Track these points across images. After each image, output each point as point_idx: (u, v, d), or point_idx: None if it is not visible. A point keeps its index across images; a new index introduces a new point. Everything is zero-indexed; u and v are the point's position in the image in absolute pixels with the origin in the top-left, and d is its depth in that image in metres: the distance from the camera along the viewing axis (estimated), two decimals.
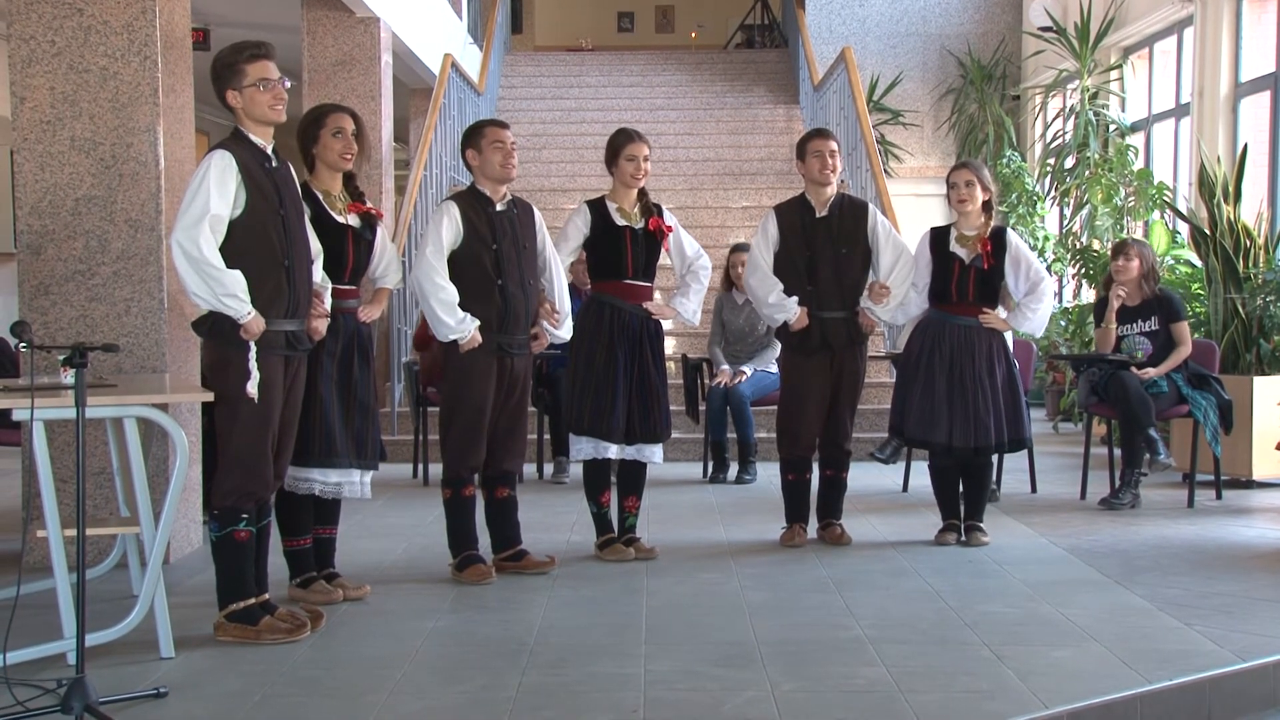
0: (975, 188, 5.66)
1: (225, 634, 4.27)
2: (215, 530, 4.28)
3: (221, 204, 4.12)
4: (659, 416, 5.52)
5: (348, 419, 4.76)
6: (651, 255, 5.56)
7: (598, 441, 5.46)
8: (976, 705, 3.61)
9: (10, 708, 3.51)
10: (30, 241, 5.39)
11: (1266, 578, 5.21)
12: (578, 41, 19.78)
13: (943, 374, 5.63)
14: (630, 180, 5.49)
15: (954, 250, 5.69)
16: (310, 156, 4.80)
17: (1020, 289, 5.72)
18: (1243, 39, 9.92)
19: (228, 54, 4.26)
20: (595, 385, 5.41)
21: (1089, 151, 11.74)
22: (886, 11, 14.70)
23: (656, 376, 5.52)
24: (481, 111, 12.70)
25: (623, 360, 5.42)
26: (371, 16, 9.82)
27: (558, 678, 3.87)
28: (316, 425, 4.65)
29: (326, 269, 4.63)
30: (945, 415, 5.62)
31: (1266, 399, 7.38)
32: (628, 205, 5.53)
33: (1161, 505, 6.92)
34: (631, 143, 5.50)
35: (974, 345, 5.64)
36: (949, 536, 5.83)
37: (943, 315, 5.71)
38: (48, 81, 5.40)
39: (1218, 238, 7.95)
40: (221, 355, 4.23)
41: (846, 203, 5.85)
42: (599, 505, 5.63)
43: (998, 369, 5.67)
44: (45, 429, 3.93)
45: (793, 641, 4.25)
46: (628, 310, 5.46)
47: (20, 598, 3.94)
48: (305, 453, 4.65)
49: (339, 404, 4.73)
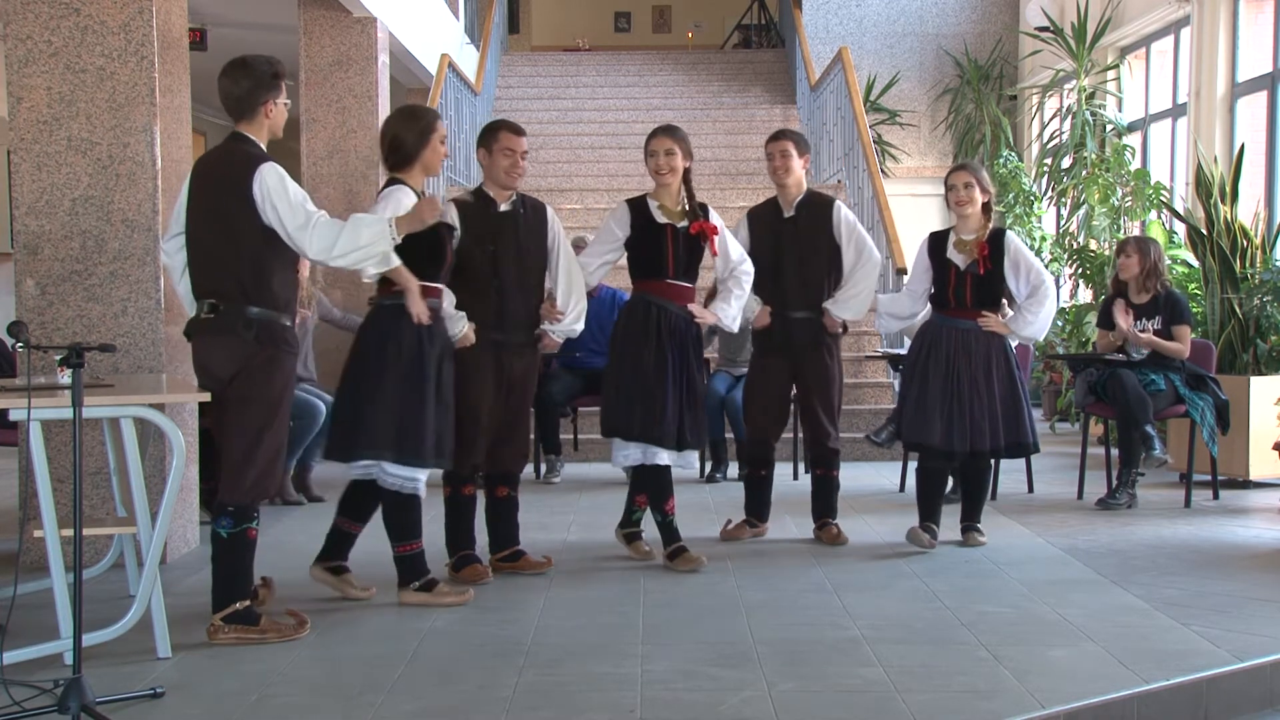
0: (974, 190, 5.62)
1: (225, 636, 4.23)
2: (229, 526, 4.24)
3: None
4: (702, 421, 5.40)
5: (442, 419, 4.74)
6: (694, 256, 5.40)
7: (647, 447, 5.29)
8: (973, 705, 3.61)
9: (7, 708, 3.51)
10: (27, 241, 5.39)
11: (1263, 578, 5.22)
12: (575, 41, 19.78)
13: (938, 377, 5.60)
14: (655, 176, 5.38)
15: (950, 256, 5.67)
16: (410, 155, 4.75)
17: (1021, 292, 5.68)
18: (1240, 39, 9.93)
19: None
20: (644, 389, 5.24)
21: (1086, 151, 11.75)
22: (883, 11, 14.71)
23: (699, 380, 5.39)
24: (479, 112, 12.71)
25: (671, 363, 5.26)
26: (368, 16, 9.82)
27: (555, 678, 3.87)
28: (429, 427, 4.64)
29: (426, 267, 4.65)
30: (940, 418, 5.58)
31: (1263, 399, 7.38)
32: (670, 203, 5.40)
33: (1158, 505, 6.93)
34: (654, 138, 5.40)
35: (971, 348, 5.60)
36: (921, 536, 5.66)
37: (942, 319, 5.70)
38: (45, 81, 5.39)
39: (1214, 238, 7.95)
40: (271, 356, 4.26)
41: (813, 201, 5.85)
42: (664, 514, 5.41)
43: (996, 372, 5.62)
44: (42, 429, 3.93)
45: (790, 641, 4.25)
46: (673, 311, 5.32)
47: (17, 598, 3.94)
48: (417, 453, 4.63)
49: (436, 404, 4.71)
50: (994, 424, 5.60)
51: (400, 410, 4.59)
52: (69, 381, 3.64)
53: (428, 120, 4.78)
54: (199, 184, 4.35)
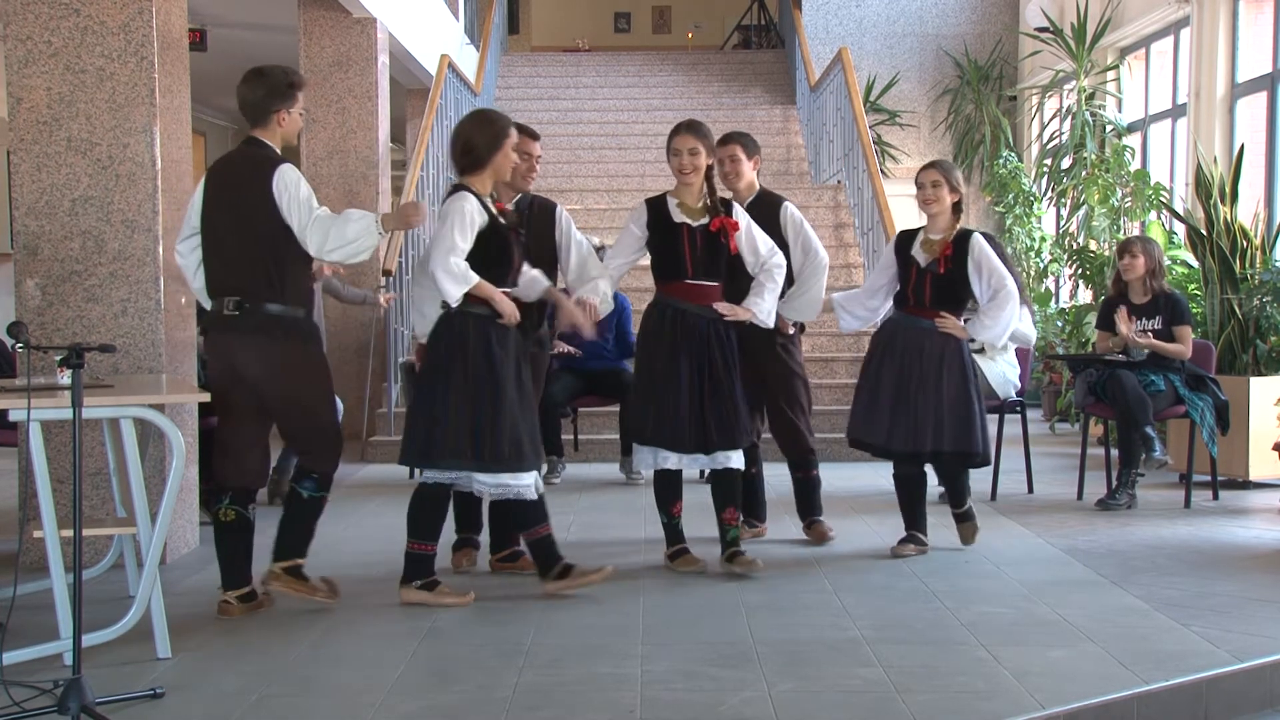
0: (943, 189, 5.49)
1: (277, 584, 4.65)
2: (312, 489, 4.66)
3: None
4: (735, 421, 5.24)
5: (526, 422, 4.74)
6: (716, 254, 5.24)
7: (658, 451, 5.23)
8: (973, 706, 3.61)
9: (7, 708, 3.51)
10: (27, 242, 5.39)
11: (1263, 578, 5.22)
12: (574, 42, 19.80)
13: (890, 376, 5.48)
14: (678, 176, 5.23)
15: (914, 254, 5.55)
16: (481, 159, 4.75)
17: (984, 295, 5.51)
18: (1239, 39, 9.93)
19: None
20: (657, 393, 5.18)
21: (1086, 152, 11.76)
22: (883, 12, 14.71)
23: (729, 380, 5.22)
24: None
25: (686, 366, 5.15)
26: (368, 17, 9.83)
27: (555, 678, 3.87)
28: (506, 431, 4.64)
29: (494, 271, 4.68)
30: (886, 417, 5.46)
31: (1263, 399, 7.38)
32: (690, 201, 5.26)
33: (1158, 506, 6.93)
34: (676, 136, 5.24)
35: (924, 348, 5.46)
36: (908, 548, 5.58)
37: (900, 317, 5.59)
38: (44, 82, 5.39)
39: (1214, 238, 7.95)
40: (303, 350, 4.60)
41: (763, 202, 5.77)
42: (669, 515, 5.38)
43: (947, 374, 5.42)
44: (42, 429, 3.93)
45: (790, 642, 4.25)
46: (692, 312, 5.19)
47: (17, 598, 3.95)
48: (496, 457, 4.64)
49: (520, 408, 4.72)
50: (938, 427, 5.41)
51: (474, 417, 4.62)
52: (69, 382, 3.64)
53: (501, 125, 4.80)
54: (216, 186, 4.57)
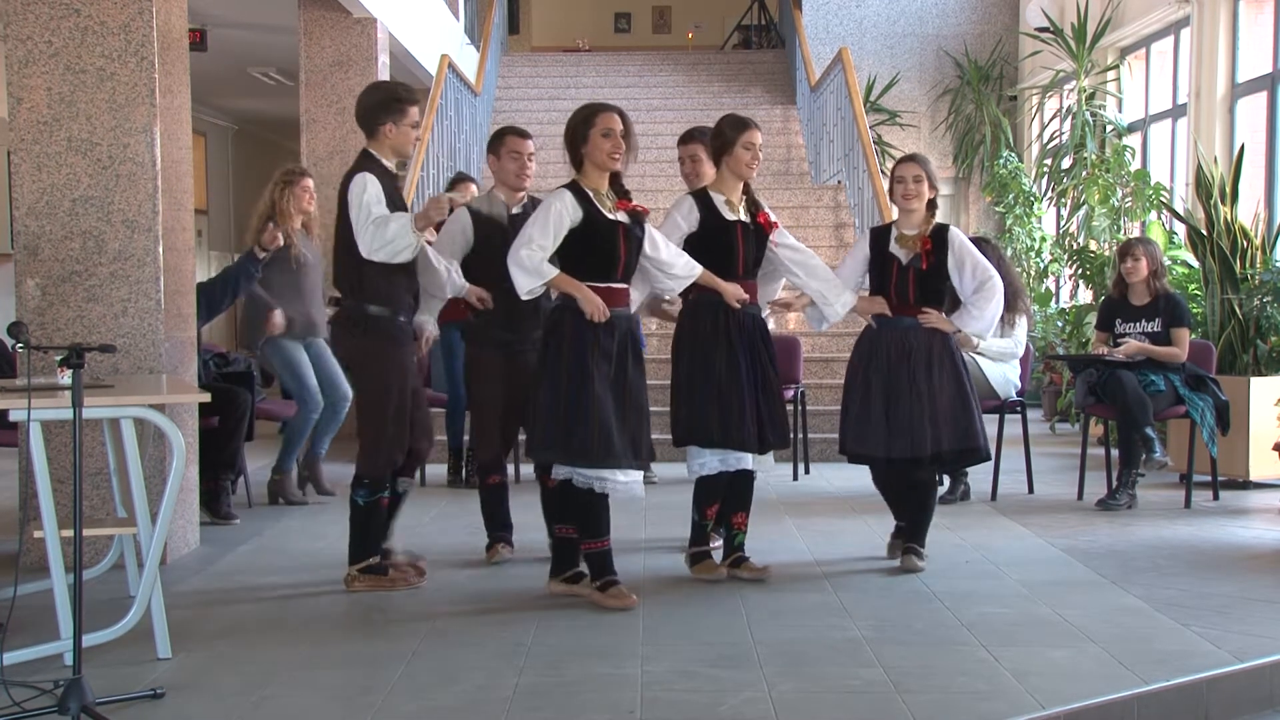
0: (924, 183, 5.37)
1: (359, 585, 4.91)
2: (365, 495, 4.88)
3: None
4: (785, 419, 5.19)
5: (624, 419, 4.68)
6: (761, 251, 5.15)
7: (728, 454, 5.06)
8: (973, 706, 3.61)
9: (7, 708, 3.51)
10: (27, 242, 5.39)
11: (1263, 579, 5.22)
12: (574, 42, 19.79)
13: (879, 384, 5.30)
14: (745, 170, 5.07)
15: (892, 250, 5.40)
16: (579, 155, 4.79)
17: (967, 288, 5.38)
18: (1240, 39, 9.93)
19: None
20: (720, 394, 4.98)
21: (1086, 152, 11.76)
22: (883, 12, 14.71)
23: (776, 378, 5.16)
24: (479, 113, 12.72)
25: (745, 364, 5.02)
26: (368, 17, 9.82)
27: (555, 678, 3.87)
28: (595, 426, 4.59)
29: (596, 267, 4.70)
30: (883, 428, 5.25)
31: (1263, 400, 7.38)
32: (735, 197, 5.13)
33: (1158, 506, 6.93)
34: (748, 130, 5.08)
35: (911, 348, 5.30)
36: (914, 561, 5.35)
37: (881, 323, 5.40)
38: (45, 82, 5.39)
39: (1215, 238, 7.95)
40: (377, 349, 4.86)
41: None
42: (703, 515, 5.19)
43: (938, 371, 5.26)
44: (42, 429, 3.93)
45: (790, 642, 4.25)
46: (742, 309, 5.06)
47: (17, 598, 3.94)
48: (584, 453, 4.61)
49: (615, 404, 4.66)
50: (935, 427, 5.21)
51: (567, 411, 4.60)
52: (69, 382, 3.64)
53: (586, 113, 4.83)
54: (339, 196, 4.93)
